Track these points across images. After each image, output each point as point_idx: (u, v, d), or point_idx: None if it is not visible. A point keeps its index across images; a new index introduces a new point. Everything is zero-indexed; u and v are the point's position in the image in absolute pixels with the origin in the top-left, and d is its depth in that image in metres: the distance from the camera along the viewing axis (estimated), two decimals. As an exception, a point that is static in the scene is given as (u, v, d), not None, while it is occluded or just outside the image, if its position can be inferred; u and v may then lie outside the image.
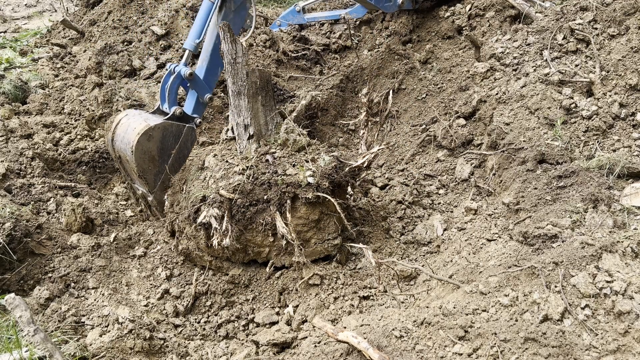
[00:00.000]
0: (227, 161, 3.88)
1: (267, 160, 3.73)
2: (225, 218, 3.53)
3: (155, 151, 4.09)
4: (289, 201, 3.51)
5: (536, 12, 5.18)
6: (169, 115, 4.17)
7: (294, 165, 3.65)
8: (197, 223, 3.62)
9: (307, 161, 3.65)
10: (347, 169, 3.69)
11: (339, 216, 3.55)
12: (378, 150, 3.78)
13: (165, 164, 4.18)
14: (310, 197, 3.47)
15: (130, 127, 4.11)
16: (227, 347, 3.35)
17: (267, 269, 3.87)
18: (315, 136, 5.32)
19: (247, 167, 3.68)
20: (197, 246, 3.79)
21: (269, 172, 3.64)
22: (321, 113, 5.71)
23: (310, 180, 3.48)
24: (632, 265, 2.45)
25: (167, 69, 4.30)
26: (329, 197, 3.47)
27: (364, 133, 4.00)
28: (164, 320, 3.47)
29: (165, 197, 4.20)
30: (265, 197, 3.56)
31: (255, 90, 3.78)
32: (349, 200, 3.99)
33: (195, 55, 4.47)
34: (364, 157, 3.75)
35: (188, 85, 4.32)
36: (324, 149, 3.85)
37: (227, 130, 4.19)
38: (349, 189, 3.93)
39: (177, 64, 4.25)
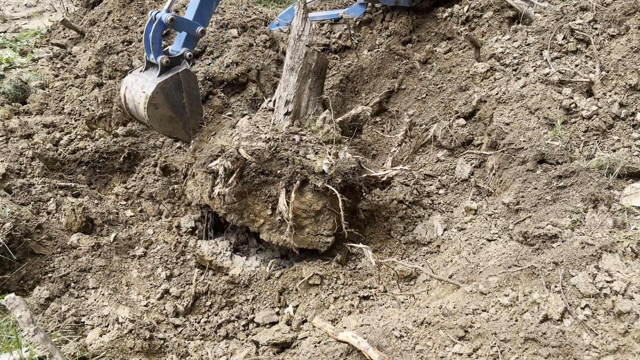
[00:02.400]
0: (257, 127, 3.96)
1: (293, 139, 3.77)
2: (235, 175, 3.61)
3: (168, 112, 4.15)
4: (298, 182, 3.56)
5: (535, 12, 5.19)
6: (159, 70, 4.10)
7: (316, 153, 3.69)
8: (208, 168, 3.73)
9: (329, 153, 3.68)
10: (364, 175, 3.70)
11: (339, 216, 3.56)
12: (400, 169, 3.76)
13: (185, 112, 4.28)
14: (319, 186, 3.51)
15: (135, 102, 4.20)
16: (227, 347, 3.35)
17: (267, 269, 3.87)
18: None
19: (273, 138, 3.75)
20: (201, 195, 3.88)
21: (291, 150, 3.70)
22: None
23: (325, 168, 3.52)
24: (632, 265, 2.45)
25: (149, 16, 4.15)
26: (336, 192, 3.48)
27: (394, 150, 3.99)
28: (164, 320, 3.47)
29: (192, 142, 4.32)
30: (279, 171, 3.62)
31: (308, 71, 3.85)
32: (356, 205, 3.98)
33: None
34: (385, 171, 3.75)
35: (173, 30, 4.23)
36: (352, 150, 3.86)
37: (270, 101, 4.24)
38: (361, 197, 3.91)
39: (159, 11, 4.11)
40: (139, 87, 4.16)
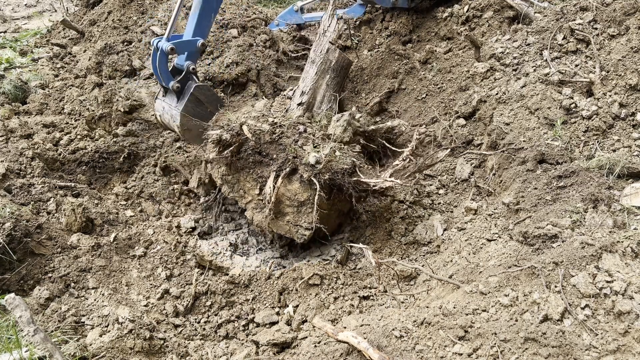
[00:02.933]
0: (270, 110, 4.06)
1: (298, 129, 3.81)
2: (232, 148, 3.72)
3: (200, 126, 4.30)
4: (288, 169, 3.61)
5: (535, 12, 5.19)
6: (175, 94, 4.47)
7: (315, 146, 3.71)
8: (207, 136, 3.89)
9: (326, 149, 3.68)
10: (354, 179, 3.67)
11: (319, 212, 3.56)
12: (394, 183, 3.70)
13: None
14: (304, 177, 3.53)
15: (172, 127, 4.60)
16: (227, 347, 3.35)
17: (267, 269, 3.87)
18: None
19: (280, 124, 3.81)
20: (206, 159, 4.09)
21: (292, 138, 3.74)
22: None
23: (312, 161, 3.52)
24: (632, 265, 2.45)
25: (151, 44, 4.45)
26: (317, 186, 3.48)
27: (397, 163, 3.95)
28: (164, 320, 3.47)
29: (215, 115, 4.51)
30: (274, 155, 3.68)
31: (327, 67, 3.92)
32: (348, 207, 3.96)
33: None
34: (377, 180, 3.70)
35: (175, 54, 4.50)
36: (355, 153, 3.84)
37: (291, 89, 4.31)
38: (350, 201, 3.82)
39: (160, 38, 4.38)
40: (169, 117, 4.53)
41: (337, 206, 3.85)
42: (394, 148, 4.46)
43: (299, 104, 4.00)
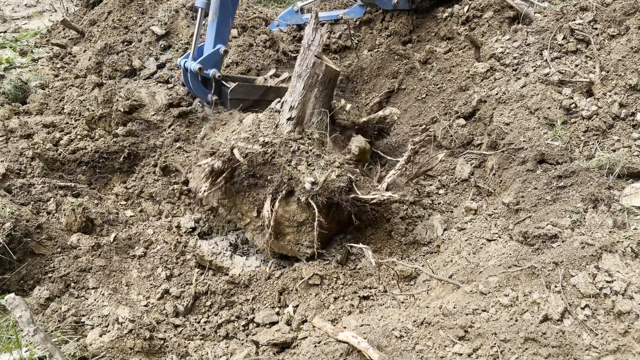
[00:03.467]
0: (259, 127, 4.00)
1: (290, 147, 3.77)
2: (224, 174, 3.67)
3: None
4: (284, 192, 3.58)
5: (535, 12, 5.19)
6: (218, 106, 4.94)
7: (309, 165, 3.68)
8: (199, 164, 3.87)
9: (321, 167, 3.67)
10: (352, 195, 3.66)
11: (320, 231, 3.57)
12: (390, 196, 3.69)
13: (267, 91, 5.04)
14: (302, 200, 3.52)
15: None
16: (227, 347, 3.35)
17: (267, 269, 3.87)
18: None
19: (271, 142, 3.76)
20: (197, 187, 4.05)
21: (285, 157, 3.69)
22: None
23: (307, 187, 3.51)
24: (632, 265, 2.45)
25: (179, 66, 4.97)
26: (315, 210, 3.48)
27: (392, 174, 3.94)
28: (164, 320, 3.46)
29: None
30: (269, 177, 3.64)
31: (314, 81, 3.86)
32: (348, 220, 3.94)
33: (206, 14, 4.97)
34: (374, 195, 3.69)
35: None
36: (347, 168, 3.79)
37: (279, 102, 4.26)
38: (349, 217, 3.82)
39: (186, 59, 4.83)
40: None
41: (337, 218, 3.86)
42: (388, 157, 4.54)
43: (288, 119, 3.94)
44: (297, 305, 3.55)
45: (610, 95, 3.85)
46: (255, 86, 5.13)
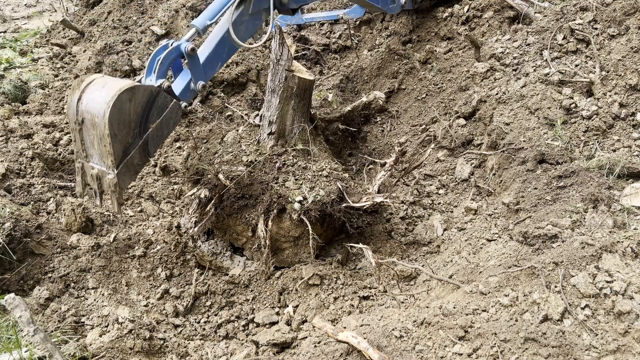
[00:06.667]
0: (241, 145, 3.96)
1: (275, 163, 3.76)
2: (213, 201, 3.63)
3: (133, 116, 3.21)
4: (275, 211, 3.58)
5: (535, 12, 5.18)
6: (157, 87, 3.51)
7: (296, 180, 3.67)
8: (187, 195, 3.80)
9: (309, 180, 3.66)
10: (344, 205, 3.66)
11: (317, 243, 3.58)
12: (382, 201, 3.68)
13: (138, 140, 3.33)
14: (294, 218, 3.53)
15: (108, 85, 3.27)
16: (227, 347, 3.35)
17: (267, 269, 3.87)
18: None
19: (255, 160, 3.74)
20: (184, 229, 4.02)
21: (271, 175, 3.67)
22: (321, 113, 5.71)
23: (297, 207, 3.52)
24: (632, 265, 2.45)
25: (161, 44, 3.62)
26: (309, 227, 3.49)
27: (381, 176, 3.89)
28: (164, 320, 3.46)
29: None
30: (258, 196, 3.62)
31: (289, 94, 3.85)
32: (342, 228, 3.95)
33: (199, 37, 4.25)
34: (365, 201, 3.68)
35: (184, 63, 3.67)
36: (335, 175, 3.78)
37: (257, 115, 4.23)
38: (343, 225, 3.82)
39: (175, 40, 3.59)
40: (124, 80, 3.46)
41: (333, 225, 3.87)
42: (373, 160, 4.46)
43: (269, 134, 3.94)
44: (297, 306, 3.55)
45: (610, 95, 3.85)
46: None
